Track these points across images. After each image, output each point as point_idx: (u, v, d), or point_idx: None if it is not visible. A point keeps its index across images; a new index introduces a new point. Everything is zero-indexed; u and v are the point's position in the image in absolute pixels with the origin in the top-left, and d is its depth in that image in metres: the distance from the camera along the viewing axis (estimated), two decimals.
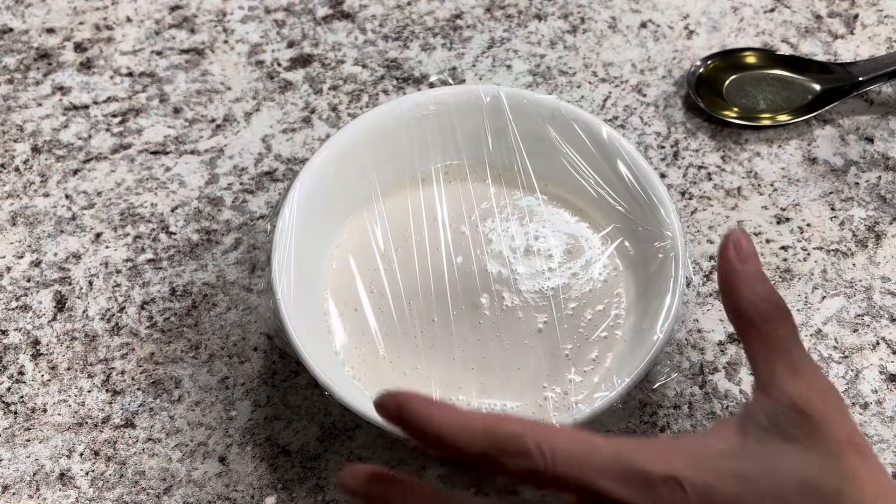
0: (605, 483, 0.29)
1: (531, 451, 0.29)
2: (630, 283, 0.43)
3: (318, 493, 0.42)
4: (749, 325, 0.33)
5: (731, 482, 0.29)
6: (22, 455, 0.43)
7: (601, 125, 0.44)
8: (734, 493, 0.29)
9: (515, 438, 0.30)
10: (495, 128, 0.46)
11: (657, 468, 0.29)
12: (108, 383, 0.45)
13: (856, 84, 0.53)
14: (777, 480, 0.29)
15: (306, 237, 0.42)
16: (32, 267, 0.50)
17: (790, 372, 0.31)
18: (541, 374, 0.41)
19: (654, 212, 0.42)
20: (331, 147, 0.44)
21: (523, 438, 0.29)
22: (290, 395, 0.45)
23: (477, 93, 0.45)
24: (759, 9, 0.59)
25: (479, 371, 0.41)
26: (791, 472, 0.29)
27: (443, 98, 0.45)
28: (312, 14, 0.60)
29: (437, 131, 0.45)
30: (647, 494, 0.29)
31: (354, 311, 0.43)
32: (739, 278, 0.34)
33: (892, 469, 0.41)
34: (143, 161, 0.53)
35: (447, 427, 0.30)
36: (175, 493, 0.42)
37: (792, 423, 0.30)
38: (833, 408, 0.30)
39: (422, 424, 0.30)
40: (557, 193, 0.46)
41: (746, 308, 0.33)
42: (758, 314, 0.33)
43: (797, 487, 0.29)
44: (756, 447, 0.30)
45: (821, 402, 0.30)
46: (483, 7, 0.60)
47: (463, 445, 0.30)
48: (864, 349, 0.45)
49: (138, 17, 0.60)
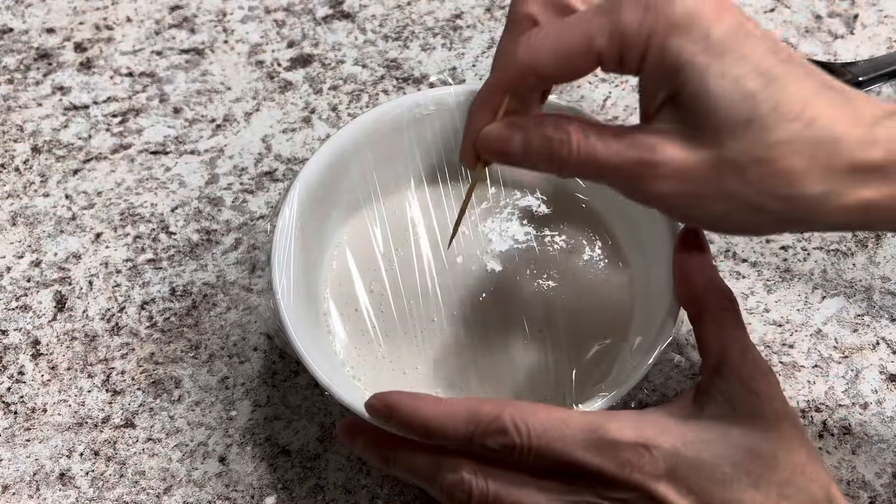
0: (580, 453, 0.32)
1: (508, 428, 0.32)
2: (631, 282, 0.43)
3: (318, 493, 0.42)
4: (703, 310, 0.36)
5: (693, 446, 0.32)
6: (22, 455, 0.43)
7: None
8: (696, 456, 0.32)
9: (494, 418, 0.33)
10: None
11: (628, 436, 0.32)
12: (108, 383, 0.45)
13: (856, 84, 0.53)
14: (729, 446, 0.32)
15: (306, 237, 0.42)
16: (32, 267, 0.50)
17: (739, 354, 0.34)
18: (540, 374, 0.41)
19: (655, 212, 0.42)
20: (331, 147, 0.44)
21: (502, 417, 0.33)
22: (290, 395, 0.45)
23: (476, 92, 0.45)
24: (759, 9, 0.59)
25: (479, 371, 0.41)
26: (739, 439, 0.32)
27: (443, 98, 0.45)
28: (312, 14, 0.60)
29: (437, 131, 0.45)
30: (619, 460, 0.32)
31: (354, 310, 0.43)
32: (693, 267, 0.36)
33: (892, 469, 0.41)
34: (143, 161, 0.53)
35: (433, 416, 0.33)
36: (175, 493, 0.42)
37: (741, 399, 0.33)
38: (773, 385, 0.34)
39: (410, 417, 0.34)
40: (558, 193, 0.46)
41: (701, 294, 0.36)
42: (711, 300, 0.35)
43: (744, 453, 0.32)
44: (711, 418, 0.33)
45: (764, 380, 0.33)
46: (483, 7, 0.60)
47: (448, 432, 0.33)
48: (864, 349, 0.45)
49: (138, 17, 0.60)
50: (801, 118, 0.29)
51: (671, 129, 0.31)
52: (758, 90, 0.29)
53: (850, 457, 0.42)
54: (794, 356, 0.45)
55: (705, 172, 0.30)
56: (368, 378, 0.41)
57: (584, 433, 0.32)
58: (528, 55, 0.32)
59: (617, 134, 0.32)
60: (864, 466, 0.42)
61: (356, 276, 0.44)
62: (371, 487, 0.42)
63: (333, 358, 0.42)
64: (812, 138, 0.29)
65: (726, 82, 0.29)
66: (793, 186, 0.30)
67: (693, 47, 0.30)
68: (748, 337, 0.35)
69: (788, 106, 0.29)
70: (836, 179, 0.29)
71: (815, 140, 0.29)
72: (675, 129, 0.31)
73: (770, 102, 0.29)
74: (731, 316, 0.35)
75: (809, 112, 0.29)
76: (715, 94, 0.30)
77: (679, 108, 0.31)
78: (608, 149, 0.32)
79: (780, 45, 0.31)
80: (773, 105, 0.29)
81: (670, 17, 0.30)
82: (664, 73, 0.30)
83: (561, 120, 0.33)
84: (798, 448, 0.33)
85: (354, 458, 0.43)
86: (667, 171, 0.31)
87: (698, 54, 0.30)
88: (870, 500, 0.41)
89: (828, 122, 0.29)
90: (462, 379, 0.41)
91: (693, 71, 0.30)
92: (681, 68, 0.30)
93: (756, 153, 0.29)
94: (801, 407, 0.43)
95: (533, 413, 0.33)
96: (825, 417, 0.43)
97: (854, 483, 0.41)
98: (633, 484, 0.32)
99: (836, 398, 0.44)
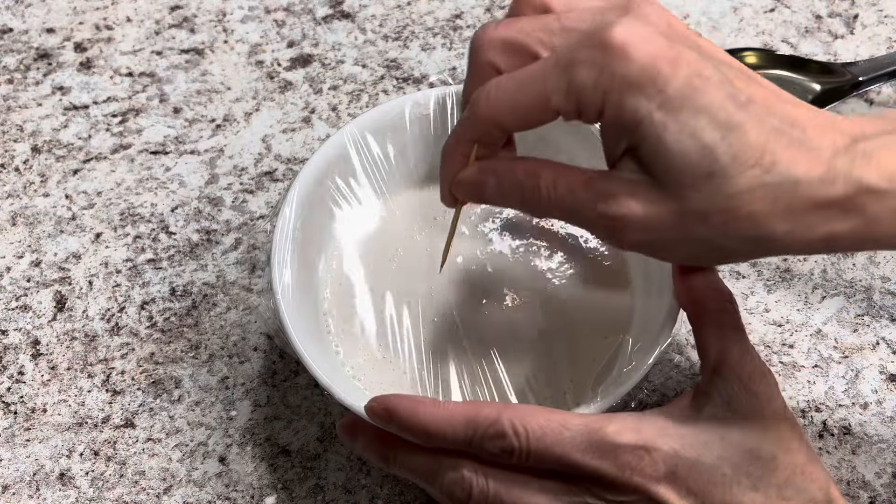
0: (579, 456, 0.32)
1: (507, 432, 0.32)
2: (632, 284, 0.43)
3: (318, 493, 0.42)
4: (702, 312, 0.36)
5: (692, 448, 0.32)
6: (22, 455, 0.43)
7: (595, 128, 0.44)
8: (695, 458, 0.32)
9: (492, 422, 0.33)
10: None
11: (627, 438, 0.32)
12: (108, 383, 0.45)
13: (856, 84, 0.53)
14: (728, 448, 0.32)
15: (306, 237, 0.42)
16: (32, 267, 0.50)
17: (739, 355, 0.34)
18: (540, 375, 0.41)
19: None
20: (330, 146, 0.44)
21: (500, 421, 0.33)
22: (290, 395, 0.45)
23: None
24: (759, 9, 0.59)
25: (478, 371, 0.41)
26: (738, 440, 0.33)
27: (443, 98, 0.45)
28: (312, 14, 0.60)
29: (437, 131, 0.45)
30: (619, 463, 0.32)
31: (354, 310, 0.43)
32: (693, 268, 0.36)
33: (892, 469, 0.41)
34: (143, 161, 0.53)
35: (432, 420, 0.33)
36: (175, 493, 0.42)
37: (740, 400, 0.33)
38: (772, 386, 0.34)
39: (409, 422, 0.34)
40: None
41: (700, 296, 0.36)
42: (711, 302, 0.36)
43: (743, 454, 0.32)
44: (710, 419, 0.33)
45: (763, 382, 0.34)
46: (483, 7, 0.60)
47: (448, 435, 0.33)
48: (864, 349, 0.45)
49: (138, 17, 0.60)
50: (760, 164, 0.29)
51: (634, 180, 0.31)
52: (716, 142, 0.29)
53: (850, 457, 0.42)
54: (794, 356, 0.45)
55: (670, 222, 0.31)
56: (368, 378, 0.41)
57: (583, 436, 0.32)
58: (487, 111, 0.33)
59: (586, 182, 0.32)
60: (864, 466, 0.42)
61: (356, 276, 0.44)
62: (371, 487, 0.42)
63: (333, 358, 0.42)
64: (772, 183, 0.29)
65: (684, 137, 0.30)
66: (758, 229, 0.30)
67: (649, 104, 0.30)
68: (747, 338, 0.35)
69: (748, 154, 0.29)
70: (800, 218, 0.30)
71: (776, 184, 0.29)
72: (637, 180, 0.31)
73: (729, 153, 0.29)
74: (730, 317, 0.35)
75: (769, 157, 0.30)
76: (673, 150, 0.30)
77: (640, 161, 0.31)
78: (576, 199, 0.32)
79: (738, 87, 0.30)
80: (733, 156, 0.29)
81: (625, 75, 0.30)
82: (622, 128, 0.31)
83: (532, 165, 0.34)
84: (797, 449, 0.33)
85: (354, 458, 0.43)
86: (632, 223, 0.31)
87: (654, 111, 0.30)
88: (870, 500, 0.41)
89: (787, 164, 0.30)
90: (461, 379, 0.41)
91: (650, 127, 0.30)
92: (638, 124, 0.30)
93: (718, 203, 0.30)
94: (801, 407, 0.43)
95: (531, 416, 0.33)
96: (825, 417, 0.43)
97: (854, 483, 0.41)
98: (633, 486, 0.32)
99: (836, 398, 0.44)
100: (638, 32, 0.30)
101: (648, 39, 0.30)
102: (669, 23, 0.32)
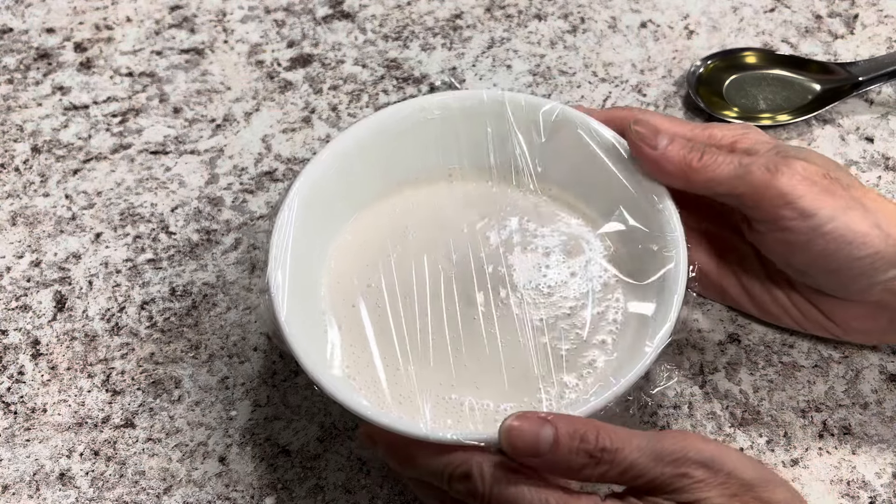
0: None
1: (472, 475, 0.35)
2: (630, 286, 0.43)
3: (318, 494, 0.42)
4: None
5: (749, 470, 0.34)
6: (22, 455, 0.43)
7: (605, 129, 0.44)
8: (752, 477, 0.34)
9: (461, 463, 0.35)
10: (498, 132, 0.46)
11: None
12: (108, 383, 0.45)
13: (856, 84, 0.53)
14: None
15: (305, 236, 0.42)
16: (32, 267, 0.50)
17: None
18: (536, 374, 0.41)
19: (656, 216, 0.42)
20: (333, 148, 0.44)
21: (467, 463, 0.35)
22: (290, 395, 0.45)
23: (481, 97, 0.45)
24: (759, 9, 0.59)
25: (474, 369, 0.41)
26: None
27: (447, 103, 0.45)
28: (312, 14, 0.60)
29: (440, 136, 0.46)
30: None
31: (352, 307, 0.43)
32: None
33: (892, 469, 0.41)
34: (143, 161, 0.53)
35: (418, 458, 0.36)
36: (175, 493, 0.42)
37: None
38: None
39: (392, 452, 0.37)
40: (558, 195, 0.46)
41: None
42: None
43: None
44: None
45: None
46: (483, 7, 0.60)
47: (425, 470, 0.36)
48: (865, 349, 0.45)
49: (138, 17, 0.60)
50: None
51: None
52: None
53: (849, 457, 0.42)
54: (794, 356, 0.45)
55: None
56: (363, 377, 0.41)
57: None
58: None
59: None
60: (864, 466, 0.42)
61: (355, 275, 0.44)
62: (371, 487, 0.42)
63: (329, 358, 0.42)
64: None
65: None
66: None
67: None
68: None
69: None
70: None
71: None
72: None
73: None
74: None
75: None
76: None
77: None
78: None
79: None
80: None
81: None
82: None
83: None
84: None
85: (354, 458, 0.43)
86: None
87: None
88: (870, 500, 0.41)
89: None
90: (457, 378, 0.41)
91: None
92: None
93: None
94: (801, 407, 0.43)
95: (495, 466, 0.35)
96: (825, 417, 0.43)
97: (854, 483, 0.41)
98: None
99: (836, 398, 0.44)
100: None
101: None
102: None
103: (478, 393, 0.41)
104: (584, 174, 0.44)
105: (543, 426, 0.34)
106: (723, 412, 0.43)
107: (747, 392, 0.44)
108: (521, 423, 0.34)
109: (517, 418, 0.34)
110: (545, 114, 0.45)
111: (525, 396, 0.40)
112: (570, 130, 0.45)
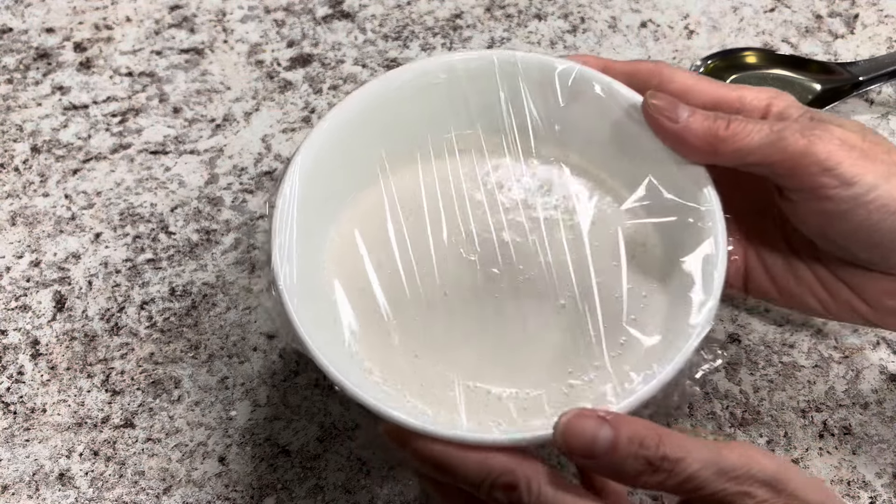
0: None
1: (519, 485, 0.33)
2: (664, 260, 0.39)
3: (317, 494, 0.42)
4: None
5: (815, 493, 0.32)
6: (21, 455, 0.43)
7: (627, 91, 0.40)
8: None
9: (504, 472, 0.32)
10: (511, 95, 0.41)
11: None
12: (107, 383, 0.45)
13: (856, 84, 0.53)
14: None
15: (308, 217, 0.38)
16: (32, 267, 0.50)
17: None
18: (565, 357, 0.37)
19: (686, 182, 0.38)
20: (332, 120, 0.40)
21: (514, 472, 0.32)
22: (290, 395, 0.45)
23: (490, 58, 0.41)
24: (759, 8, 0.59)
25: (497, 353, 0.38)
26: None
27: (453, 65, 0.41)
28: (312, 14, 0.60)
29: (447, 100, 0.42)
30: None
31: (362, 290, 0.39)
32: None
33: (892, 469, 0.41)
34: (142, 161, 0.53)
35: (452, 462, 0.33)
36: (175, 493, 0.42)
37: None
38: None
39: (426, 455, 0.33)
40: (579, 163, 0.42)
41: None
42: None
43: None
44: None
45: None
46: (483, 7, 0.60)
47: (459, 475, 0.33)
48: (865, 349, 0.45)
49: (138, 16, 0.60)
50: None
51: None
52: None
53: (850, 457, 0.42)
54: (794, 356, 0.45)
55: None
56: (380, 365, 0.38)
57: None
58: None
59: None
60: (864, 466, 0.42)
61: (364, 255, 0.40)
62: (371, 487, 0.42)
63: (344, 350, 0.38)
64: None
65: None
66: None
67: None
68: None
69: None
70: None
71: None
72: None
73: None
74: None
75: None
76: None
77: None
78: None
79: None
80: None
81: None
82: None
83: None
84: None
85: (354, 458, 0.43)
86: None
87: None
88: (870, 500, 0.41)
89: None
90: (480, 364, 0.38)
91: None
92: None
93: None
94: (801, 407, 0.43)
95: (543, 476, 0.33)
96: (825, 417, 0.43)
97: (854, 483, 0.41)
98: None
99: (836, 398, 0.44)
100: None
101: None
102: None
103: (505, 381, 0.37)
104: (604, 138, 0.41)
105: (602, 427, 0.32)
106: (723, 412, 0.43)
107: (747, 392, 0.44)
108: (579, 421, 0.32)
109: (575, 416, 0.32)
110: (561, 75, 0.41)
111: (555, 384, 0.37)
112: (588, 91, 0.41)
